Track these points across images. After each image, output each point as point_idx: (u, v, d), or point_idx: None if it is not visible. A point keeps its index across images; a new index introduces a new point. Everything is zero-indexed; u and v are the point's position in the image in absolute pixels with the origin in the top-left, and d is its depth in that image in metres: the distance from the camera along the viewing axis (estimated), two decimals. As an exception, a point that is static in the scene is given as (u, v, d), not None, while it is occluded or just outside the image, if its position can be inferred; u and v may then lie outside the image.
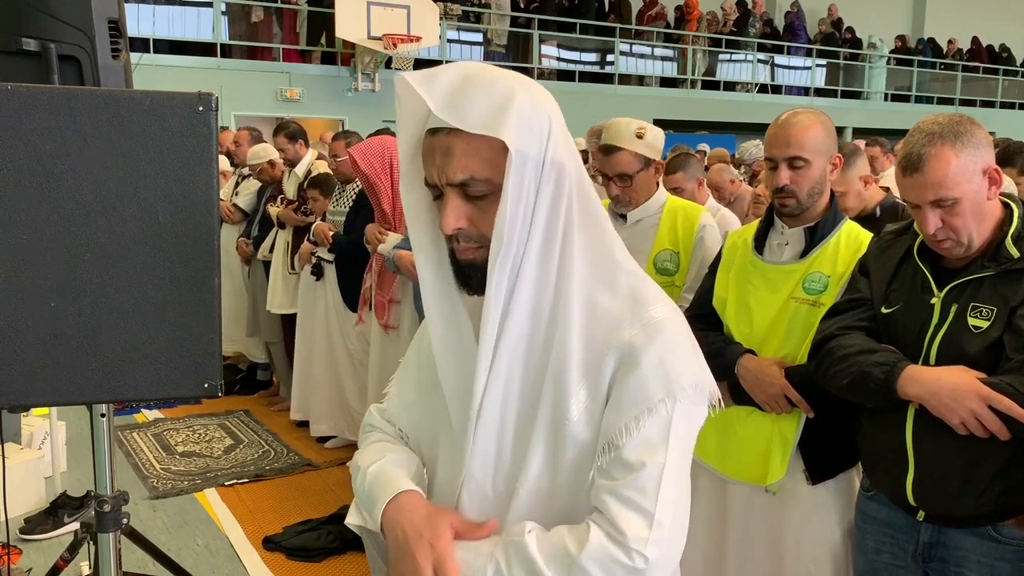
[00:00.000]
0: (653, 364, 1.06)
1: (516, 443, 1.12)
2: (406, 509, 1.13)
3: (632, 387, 1.06)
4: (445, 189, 1.07)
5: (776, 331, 2.10)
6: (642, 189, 2.70)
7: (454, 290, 1.15)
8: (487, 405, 1.11)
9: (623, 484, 1.04)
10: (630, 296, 1.10)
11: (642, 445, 1.05)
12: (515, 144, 1.02)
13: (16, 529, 3.51)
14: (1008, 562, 1.70)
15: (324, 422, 4.74)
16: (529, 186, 1.05)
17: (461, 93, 1.03)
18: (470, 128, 1.02)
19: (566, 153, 1.09)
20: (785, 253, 2.15)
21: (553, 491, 1.11)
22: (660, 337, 1.07)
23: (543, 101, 1.08)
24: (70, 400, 1.64)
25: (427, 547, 1.09)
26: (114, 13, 1.80)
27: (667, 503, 1.04)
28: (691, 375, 1.08)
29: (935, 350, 1.71)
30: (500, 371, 1.10)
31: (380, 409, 1.33)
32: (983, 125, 1.74)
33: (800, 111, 2.13)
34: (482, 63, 1.11)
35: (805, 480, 2.07)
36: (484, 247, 1.08)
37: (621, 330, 1.08)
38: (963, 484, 1.68)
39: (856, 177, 2.77)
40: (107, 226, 1.57)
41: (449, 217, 1.06)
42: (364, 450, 1.27)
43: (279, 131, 5.21)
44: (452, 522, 1.11)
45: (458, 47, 13.32)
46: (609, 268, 1.12)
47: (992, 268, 1.68)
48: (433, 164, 1.07)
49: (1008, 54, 19.86)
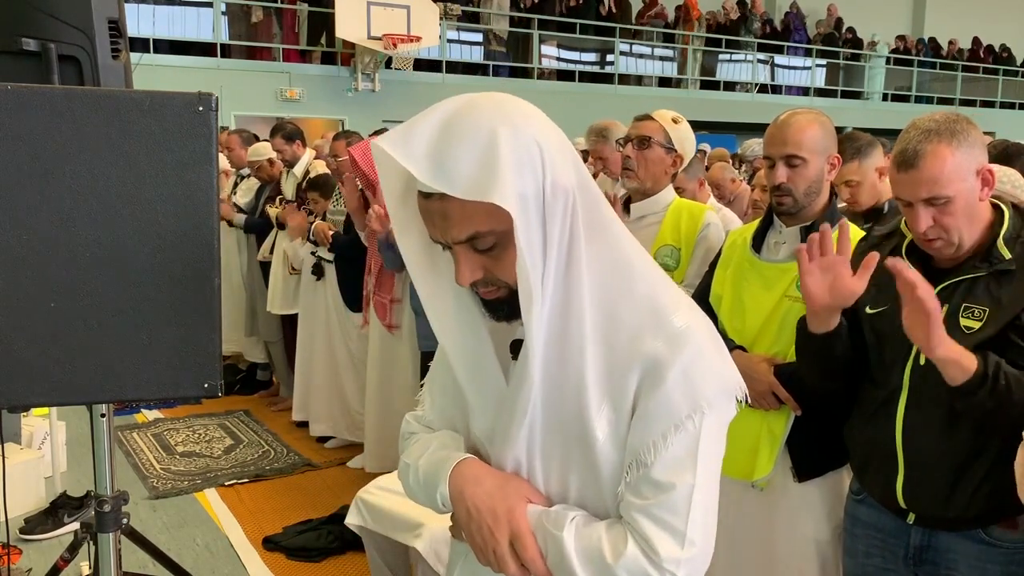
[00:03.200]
0: (677, 378, 1.03)
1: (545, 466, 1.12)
2: (471, 479, 1.12)
3: (657, 403, 1.04)
4: (453, 246, 1.05)
5: (768, 328, 2.11)
6: (652, 166, 2.72)
7: (475, 318, 1.13)
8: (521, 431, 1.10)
9: (654, 504, 1.04)
10: (649, 304, 1.07)
11: (671, 464, 1.03)
12: (513, 196, 0.97)
13: (16, 529, 3.51)
14: (998, 564, 1.69)
15: (324, 422, 4.74)
16: (536, 225, 1.01)
17: (443, 150, 0.98)
18: (461, 195, 0.98)
19: (563, 170, 1.04)
20: (781, 252, 2.16)
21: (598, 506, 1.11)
22: (684, 348, 1.04)
23: (529, 128, 1.02)
24: (70, 400, 1.65)
25: (504, 521, 1.08)
26: (114, 13, 1.80)
27: (697, 521, 1.04)
28: (717, 382, 1.06)
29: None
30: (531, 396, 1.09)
31: (416, 416, 1.32)
32: (980, 125, 1.74)
33: (799, 111, 2.14)
34: (460, 97, 1.05)
35: (792, 477, 2.07)
36: (503, 287, 1.07)
37: (642, 342, 1.05)
38: (953, 487, 1.68)
39: (872, 168, 2.78)
40: (107, 226, 1.57)
41: (464, 273, 1.05)
42: (409, 450, 1.26)
43: (276, 132, 5.20)
44: (525, 492, 1.11)
45: (458, 47, 13.31)
46: (624, 276, 1.09)
47: (984, 269, 1.68)
48: (434, 225, 1.04)
49: (1008, 54, 19.86)
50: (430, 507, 1.20)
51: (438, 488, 1.15)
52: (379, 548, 2.77)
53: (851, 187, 2.77)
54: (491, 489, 1.11)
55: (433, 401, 1.29)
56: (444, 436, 1.23)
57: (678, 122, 2.77)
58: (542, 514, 1.09)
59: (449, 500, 1.14)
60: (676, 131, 2.74)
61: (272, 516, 3.85)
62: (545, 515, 1.09)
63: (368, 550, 2.82)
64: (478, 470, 1.13)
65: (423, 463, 1.19)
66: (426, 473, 1.18)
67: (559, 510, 1.09)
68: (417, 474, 1.20)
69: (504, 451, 1.13)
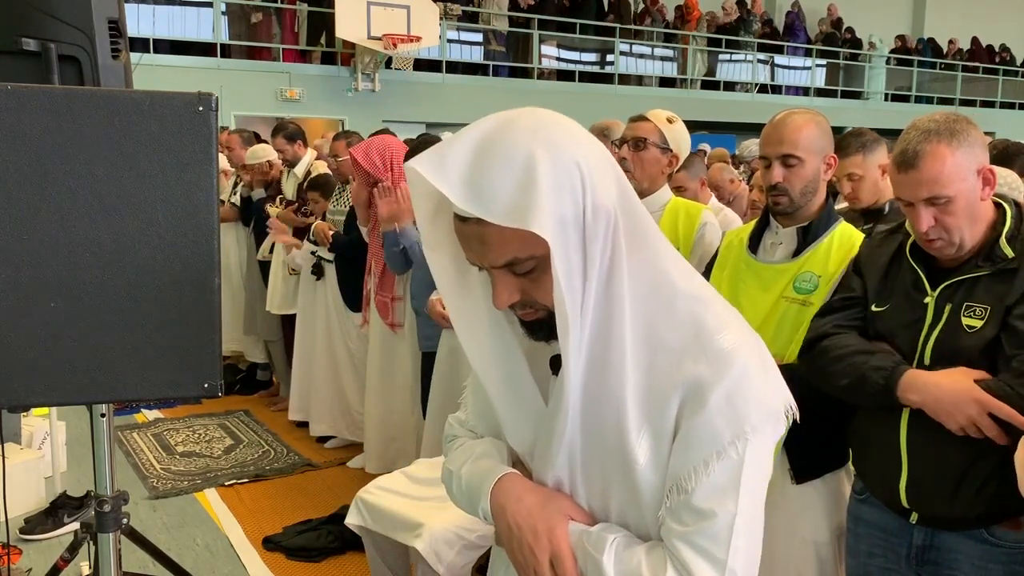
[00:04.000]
0: (720, 403, 0.99)
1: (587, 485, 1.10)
2: (513, 495, 1.11)
3: (699, 429, 1.00)
4: (490, 271, 1.03)
5: (765, 330, 2.09)
6: (649, 166, 2.74)
7: (508, 338, 1.11)
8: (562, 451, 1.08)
9: (695, 532, 1.01)
10: (691, 324, 1.03)
11: (713, 492, 1.00)
12: (551, 222, 0.94)
13: (16, 529, 3.51)
14: (1001, 564, 1.69)
15: (324, 422, 4.74)
16: (575, 247, 0.99)
17: (479, 175, 0.95)
18: (499, 221, 0.94)
19: (604, 188, 1.00)
20: (778, 252, 2.15)
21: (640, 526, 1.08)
22: (728, 372, 1.00)
23: (568, 148, 0.98)
24: (70, 400, 1.64)
25: (544, 540, 1.07)
26: (114, 13, 1.80)
27: (740, 550, 1.01)
28: (762, 406, 1.01)
29: (929, 349, 1.71)
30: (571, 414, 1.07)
31: (459, 419, 1.31)
32: (980, 125, 1.74)
33: (796, 111, 2.14)
34: (496, 117, 1.01)
35: (790, 480, 2.07)
36: (541, 310, 1.05)
37: (684, 364, 1.01)
38: (957, 486, 1.68)
39: (875, 164, 2.78)
40: (107, 226, 1.57)
41: (502, 296, 1.03)
42: (452, 455, 1.25)
43: (277, 132, 5.21)
44: (567, 510, 1.09)
45: (458, 47, 13.32)
46: (666, 295, 1.05)
47: (986, 268, 1.69)
48: (471, 250, 1.02)
49: (1008, 54, 19.86)
50: (472, 515, 1.19)
51: (480, 503, 1.14)
52: (379, 548, 2.77)
53: (853, 181, 2.77)
54: (532, 507, 1.09)
55: (475, 406, 1.27)
56: (487, 444, 1.21)
57: (673, 122, 2.78)
58: (583, 534, 1.07)
59: (491, 515, 1.13)
60: (671, 131, 2.76)
61: (272, 516, 3.85)
62: (587, 535, 1.07)
63: (368, 550, 2.82)
64: (520, 486, 1.12)
65: (466, 472, 1.18)
66: (469, 484, 1.17)
67: (599, 531, 1.07)
68: (460, 483, 1.19)
69: (545, 467, 1.11)
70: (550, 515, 1.08)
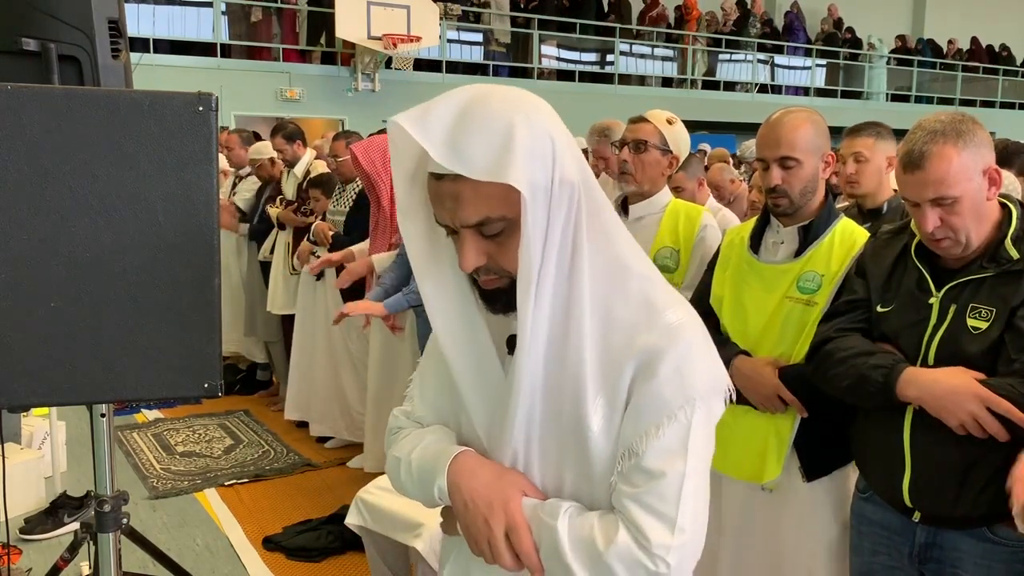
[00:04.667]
0: (670, 372, 1.06)
1: (543, 460, 1.13)
2: (468, 471, 1.14)
3: (650, 395, 1.06)
4: (460, 230, 1.06)
5: (771, 331, 2.10)
6: (650, 168, 2.73)
7: (472, 309, 1.15)
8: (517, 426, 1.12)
9: (644, 492, 1.06)
10: (643, 301, 1.10)
11: (662, 453, 1.06)
12: (525, 182, 1.00)
13: (16, 529, 3.50)
14: (1004, 563, 1.70)
15: (323, 422, 4.74)
16: (542, 214, 1.04)
17: (460, 134, 1.01)
18: (476, 176, 1.00)
19: (572, 165, 1.07)
20: (780, 252, 2.15)
21: (592, 501, 1.12)
22: (676, 343, 1.07)
23: (542, 121, 1.05)
24: (70, 400, 1.64)
25: (500, 512, 1.10)
26: (114, 13, 1.80)
27: (687, 509, 1.05)
28: (707, 377, 1.08)
29: (933, 350, 1.71)
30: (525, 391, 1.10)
31: (404, 412, 1.33)
32: (984, 125, 1.74)
33: (790, 110, 2.13)
34: (475, 88, 1.07)
35: (801, 477, 2.07)
36: (504, 277, 1.09)
37: (637, 337, 1.07)
38: (960, 485, 1.68)
39: (884, 153, 2.79)
40: (107, 226, 1.57)
41: (469, 257, 1.06)
42: (398, 443, 1.26)
43: (276, 132, 5.20)
44: (521, 485, 1.12)
45: (458, 47, 13.31)
46: (620, 275, 1.11)
47: (991, 269, 1.68)
48: (443, 208, 1.06)
49: (1008, 54, 19.85)
50: (423, 500, 1.21)
51: (436, 481, 1.15)
52: (379, 548, 2.77)
53: (859, 162, 2.78)
54: (488, 481, 1.12)
55: (423, 396, 1.30)
56: (437, 431, 1.24)
57: (672, 123, 2.77)
58: (537, 506, 1.11)
59: (446, 493, 1.15)
60: (671, 132, 2.75)
61: (272, 516, 3.84)
62: (540, 507, 1.11)
63: (368, 550, 2.82)
64: (475, 463, 1.15)
65: (416, 456, 1.20)
66: (421, 467, 1.19)
67: (554, 502, 1.11)
68: (410, 467, 1.20)
69: (501, 444, 1.14)
70: (505, 488, 1.11)
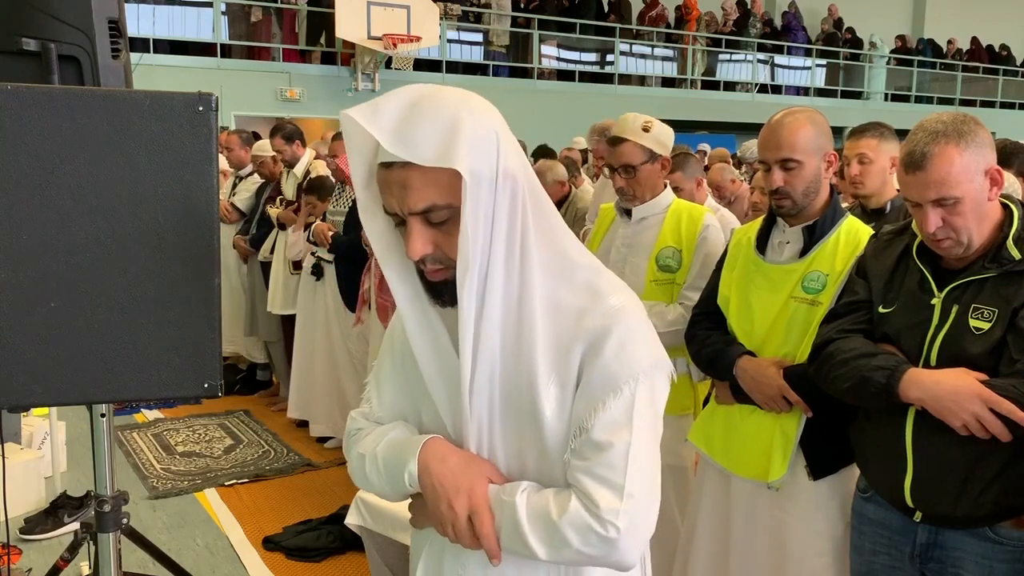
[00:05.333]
0: (615, 350, 1.13)
1: (505, 445, 1.19)
2: (438, 456, 1.19)
3: (598, 373, 1.13)
4: (407, 218, 1.11)
5: (776, 331, 2.10)
6: (646, 183, 2.72)
7: (427, 304, 1.20)
8: (475, 413, 1.17)
9: (594, 463, 1.12)
10: (588, 289, 1.17)
11: (609, 426, 1.12)
12: (469, 169, 1.05)
13: (16, 529, 3.51)
14: (1006, 563, 1.69)
15: (323, 422, 4.74)
16: (486, 204, 1.09)
17: (408, 124, 1.06)
18: (423, 162, 1.05)
19: (515, 162, 1.12)
20: (785, 252, 2.15)
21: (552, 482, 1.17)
22: (620, 324, 1.13)
23: (487, 117, 1.11)
24: (70, 400, 1.64)
25: (464, 496, 1.15)
26: (114, 13, 1.80)
27: (636, 476, 1.11)
28: (649, 356, 1.15)
29: (935, 351, 1.71)
30: (482, 380, 1.16)
31: (363, 413, 1.35)
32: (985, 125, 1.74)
33: (791, 111, 2.13)
34: (423, 86, 1.13)
35: (807, 476, 2.08)
36: (450, 267, 1.13)
37: (584, 321, 1.14)
38: (962, 485, 1.68)
39: (888, 153, 2.80)
40: (107, 226, 1.57)
41: (416, 244, 1.11)
42: (361, 442, 1.29)
43: (275, 133, 5.19)
44: (487, 472, 1.18)
45: (458, 47, 13.31)
46: (566, 266, 1.18)
47: (993, 269, 1.68)
48: (392, 195, 1.10)
49: (1008, 54, 19.84)
50: (390, 492, 1.25)
51: (407, 466, 1.19)
52: (379, 548, 2.77)
53: (863, 163, 2.79)
54: (455, 467, 1.17)
55: (380, 396, 1.33)
56: (399, 426, 1.29)
57: (649, 128, 2.71)
58: (499, 489, 1.16)
59: (416, 478, 1.19)
60: (651, 138, 2.70)
61: (272, 516, 3.84)
62: (501, 489, 1.16)
63: (368, 550, 2.82)
64: (445, 449, 1.20)
65: (382, 449, 1.24)
66: (388, 457, 1.23)
67: (514, 484, 1.17)
68: (376, 461, 1.24)
69: (464, 431, 1.19)
70: (472, 475, 1.17)
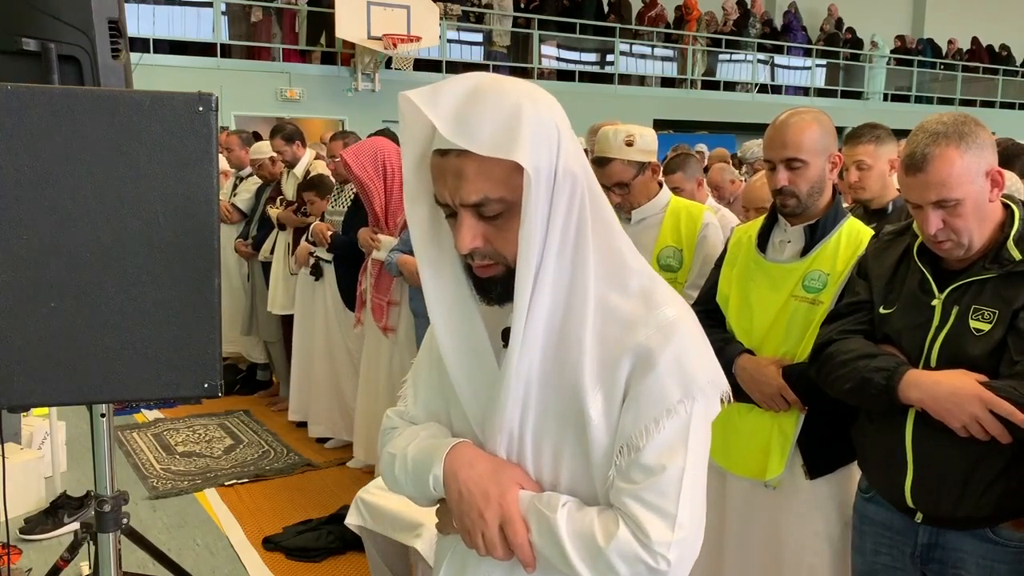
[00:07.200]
0: (670, 365, 1.05)
1: (537, 452, 1.12)
2: (466, 462, 1.13)
3: (649, 389, 1.05)
4: (459, 209, 1.06)
5: (776, 329, 2.11)
6: (641, 193, 2.75)
7: (468, 299, 1.14)
8: (508, 416, 1.11)
9: (644, 488, 1.05)
10: (641, 297, 1.10)
11: (662, 448, 1.05)
12: (530, 163, 1.00)
13: (16, 529, 3.50)
14: (1007, 563, 1.69)
15: (322, 423, 4.74)
16: (545, 200, 1.04)
17: (469, 111, 1.01)
18: (482, 151, 1.00)
19: (575, 159, 1.07)
20: (787, 251, 2.16)
21: (589, 495, 1.11)
22: (675, 337, 1.06)
23: (549, 109, 1.06)
24: (70, 400, 1.64)
25: (495, 504, 1.09)
26: (114, 13, 1.80)
27: (687, 505, 1.05)
28: (706, 372, 1.08)
29: (936, 352, 1.71)
30: (520, 380, 1.09)
31: (398, 412, 1.32)
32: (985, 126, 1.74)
33: (798, 111, 2.13)
34: (485, 74, 1.08)
35: (804, 475, 2.08)
36: (500, 263, 1.08)
37: (635, 332, 1.07)
38: (962, 486, 1.68)
39: (885, 157, 2.80)
40: (107, 226, 1.57)
41: (465, 237, 1.06)
42: (392, 441, 1.25)
43: (275, 133, 5.19)
44: (518, 478, 1.11)
45: (458, 47, 13.31)
46: (620, 270, 1.11)
47: (994, 270, 1.68)
48: (444, 185, 1.05)
49: (1008, 54, 19.84)
50: (418, 494, 1.20)
51: (432, 471, 1.14)
52: (379, 548, 2.77)
53: (862, 170, 2.80)
54: (484, 472, 1.11)
55: (417, 396, 1.29)
56: (432, 427, 1.23)
57: (631, 142, 2.66)
58: (534, 498, 1.10)
59: (441, 483, 1.14)
60: (636, 151, 2.67)
61: (272, 516, 3.84)
62: (538, 499, 1.10)
63: (368, 550, 2.82)
64: (473, 454, 1.14)
65: (412, 450, 1.19)
66: (416, 459, 1.17)
67: (552, 494, 1.10)
68: (405, 461, 1.19)
69: (495, 435, 1.13)
70: (502, 481, 1.10)
